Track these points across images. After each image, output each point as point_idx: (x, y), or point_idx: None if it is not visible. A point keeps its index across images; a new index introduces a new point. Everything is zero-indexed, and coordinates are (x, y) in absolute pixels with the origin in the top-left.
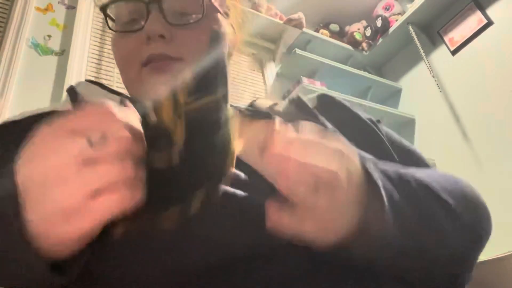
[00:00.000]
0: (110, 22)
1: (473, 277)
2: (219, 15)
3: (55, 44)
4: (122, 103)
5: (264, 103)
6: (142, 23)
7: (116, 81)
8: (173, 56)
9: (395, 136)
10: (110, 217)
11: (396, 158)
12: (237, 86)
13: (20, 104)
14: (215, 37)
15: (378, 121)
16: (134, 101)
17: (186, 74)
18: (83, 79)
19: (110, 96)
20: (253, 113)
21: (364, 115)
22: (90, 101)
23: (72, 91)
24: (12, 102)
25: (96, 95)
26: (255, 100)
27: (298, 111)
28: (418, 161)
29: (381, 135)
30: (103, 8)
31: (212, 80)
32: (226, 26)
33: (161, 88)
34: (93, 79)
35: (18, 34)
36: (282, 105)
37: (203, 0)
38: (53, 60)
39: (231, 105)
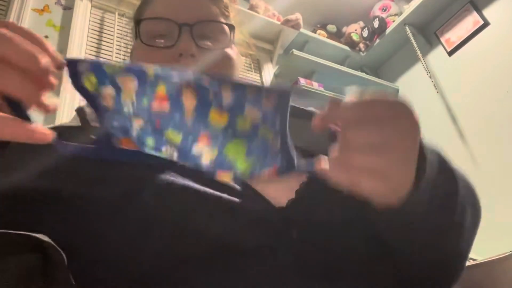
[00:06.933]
0: (142, 35)
1: (473, 278)
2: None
3: (52, 45)
4: None
5: None
6: (172, 41)
7: None
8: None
9: None
10: None
11: None
12: None
13: None
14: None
15: None
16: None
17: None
18: None
19: None
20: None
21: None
22: None
23: (81, 111)
24: None
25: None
26: None
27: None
28: None
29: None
30: (138, 22)
31: None
32: (236, 51)
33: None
34: None
35: None
36: None
37: (231, 35)
38: None
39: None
